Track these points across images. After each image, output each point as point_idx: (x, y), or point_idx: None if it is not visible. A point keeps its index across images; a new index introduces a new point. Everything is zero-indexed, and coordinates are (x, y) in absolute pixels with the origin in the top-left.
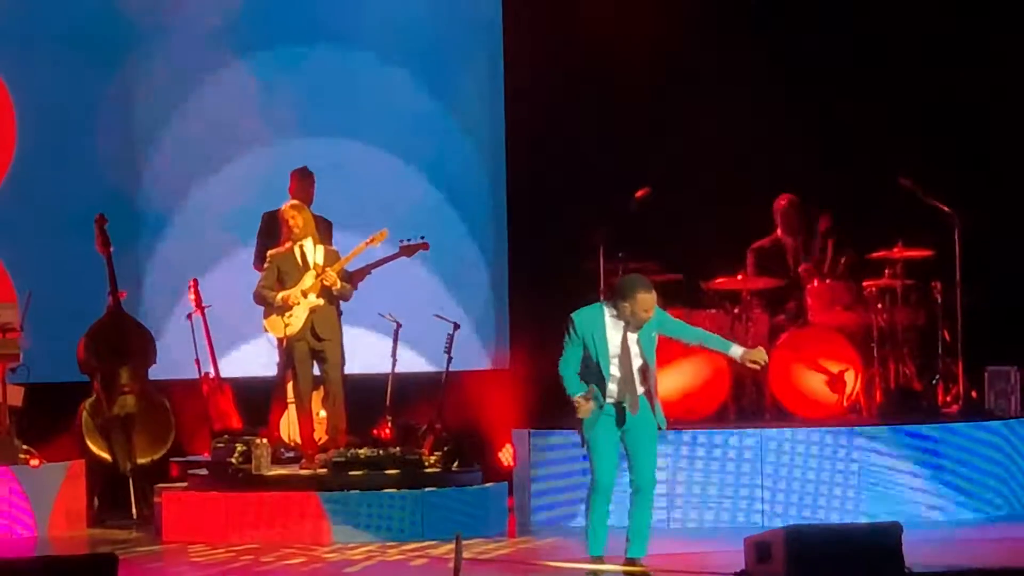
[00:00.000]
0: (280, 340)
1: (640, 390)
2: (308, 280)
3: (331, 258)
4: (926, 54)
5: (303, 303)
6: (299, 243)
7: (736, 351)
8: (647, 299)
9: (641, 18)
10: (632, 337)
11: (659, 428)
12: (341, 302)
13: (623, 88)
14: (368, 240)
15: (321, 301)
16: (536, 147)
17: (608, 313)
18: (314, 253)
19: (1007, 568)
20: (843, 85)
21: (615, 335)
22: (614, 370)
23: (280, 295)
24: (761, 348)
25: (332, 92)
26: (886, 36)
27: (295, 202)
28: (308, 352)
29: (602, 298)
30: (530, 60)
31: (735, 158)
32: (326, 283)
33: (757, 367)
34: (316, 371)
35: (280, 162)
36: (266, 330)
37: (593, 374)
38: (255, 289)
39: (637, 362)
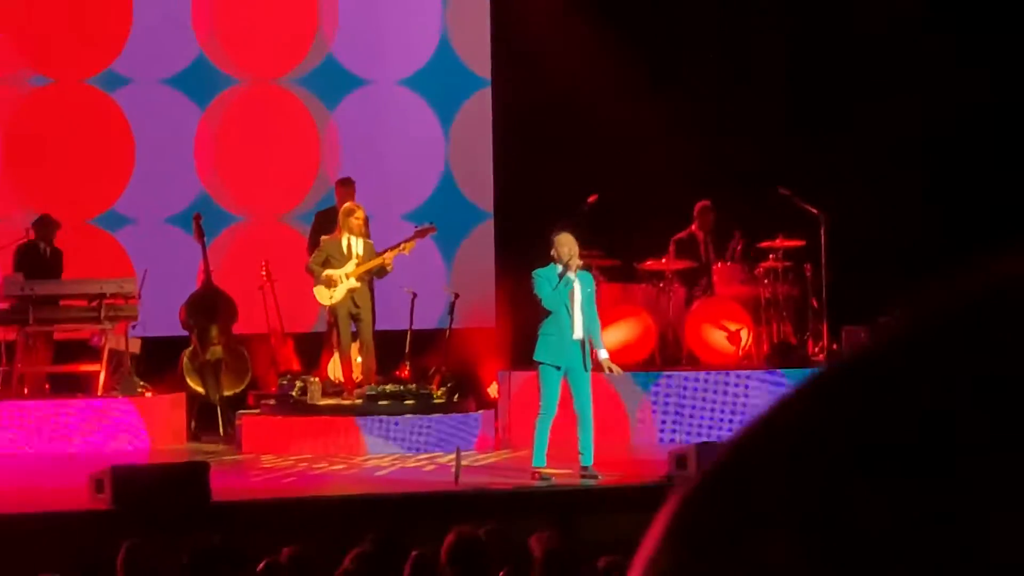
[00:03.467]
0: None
1: (580, 335)
2: (350, 267)
3: (368, 250)
4: (790, 77)
5: (344, 283)
6: (348, 237)
7: (602, 354)
8: (564, 238)
9: (597, 69)
10: (576, 291)
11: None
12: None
13: (585, 118)
14: (415, 239)
15: (358, 284)
16: (515, 163)
17: (558, 270)
18: (356, 245)
19: None
20: (738, 110)
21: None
22: (563, 313)
23: (325, 272)
24: (614, 364)
25: (361, 117)
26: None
27: (359, 210)
28: (348, 315)
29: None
30: (514, 90)
31: (663, 171)
32: (382, 273)
33: (611, 372)
34: (353, 328)
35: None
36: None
37: (551, 322)
38: (307, 263)
39: (579, 311)
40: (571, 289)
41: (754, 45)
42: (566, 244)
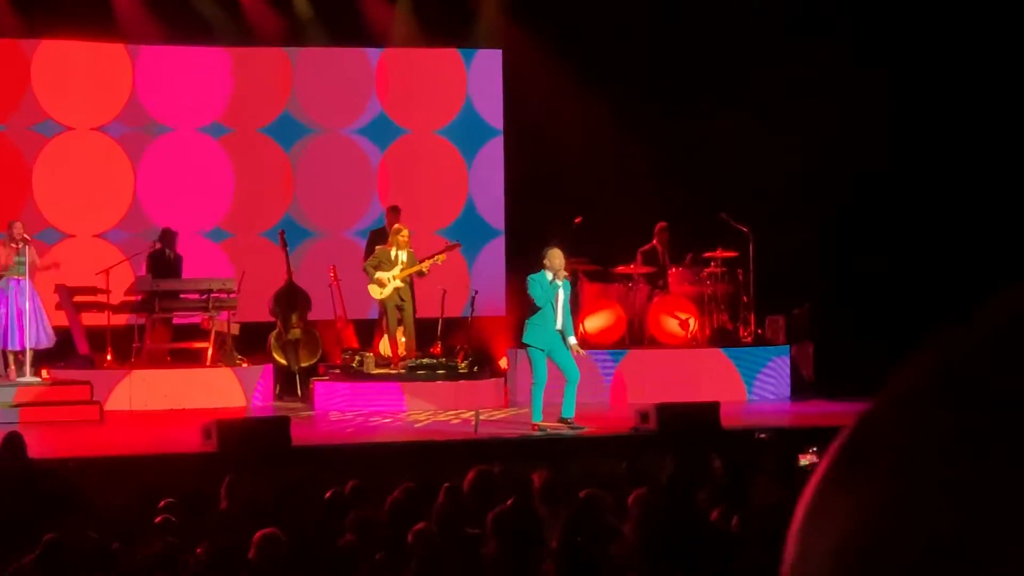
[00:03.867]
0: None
1: (559, 325)
2: (396, 271)
3: (410, 258)
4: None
5: (392, 283)
6: (395, 249)
7: (571, 340)
8: (552, 252)
9: (584, 123)
10: (560, 294)
11: (573, 347)
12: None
13: (574, 159)
14: (445, 252)
15: (402, 284)
16: (520, 192)
17: (548, 276)
18: (401, 255)
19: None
20: (688, 153)
21: (554, 288)
22: (549, 309)
23: (377, 275)
24: (579, 350)
25: (404, 158)
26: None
27: (405, 230)
28: (394, 307)
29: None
30: (519, 139)
31: (633, 199)
32: (421, 274)
33: (578, 353)
34: (399, 316)
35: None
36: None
37: (539, 315)
38: (364, 265)
39: (559, 308)
40: (557, 291)
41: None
42: (556, 257)
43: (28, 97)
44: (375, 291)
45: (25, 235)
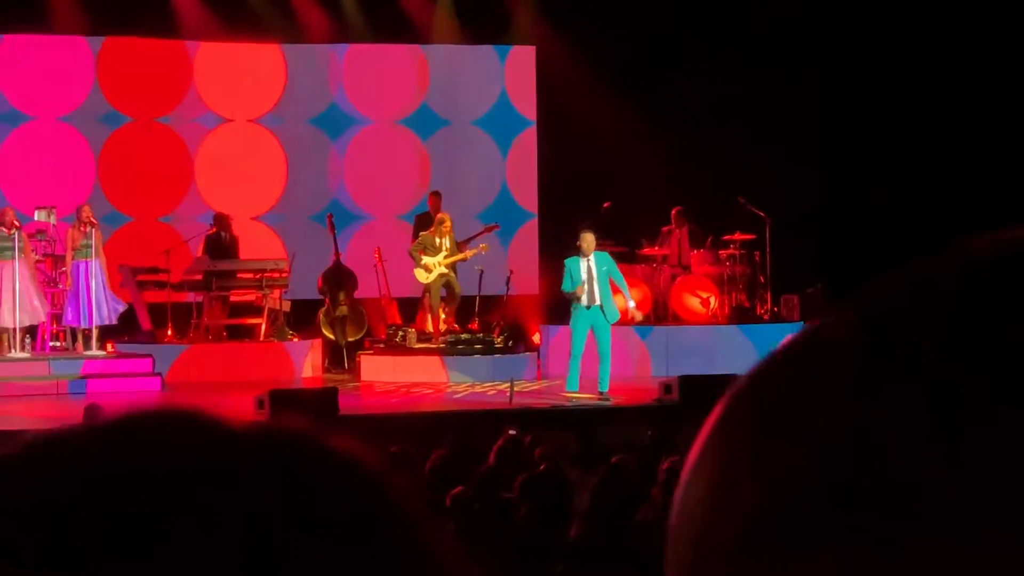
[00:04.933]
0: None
1: (597, 301)
2: (440, 257)
3: (452, 244)
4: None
5: (437, 269)
6: (439, 236)
7: (631, 303)
8: (584, 236)
9: (612, 113)
10: (593, 271)
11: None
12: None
13: (603, 148)
14: (484, 233)
15: (446, 270)
16: (552, 179)
17: (581, 259)
18: (444, 241)
19: None
20: (711, 142)
21: (584, 269)
22: (584, 288)
23: (424, 259)
24: (638, 312)
25: (445, 147)
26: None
27: (448, 220)
28: (438, 288)
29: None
30: (551, 129)
31: (656, 187)
32: (463, 260)
33: (637, 315)
34: (443, 293)
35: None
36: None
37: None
38: (409, 249)
39: (596, 285)
40: (588, 270)
41: (718, 96)
42: (585, 240)
43: (94, 91)
44: (421, 275)
45: (92, 219)
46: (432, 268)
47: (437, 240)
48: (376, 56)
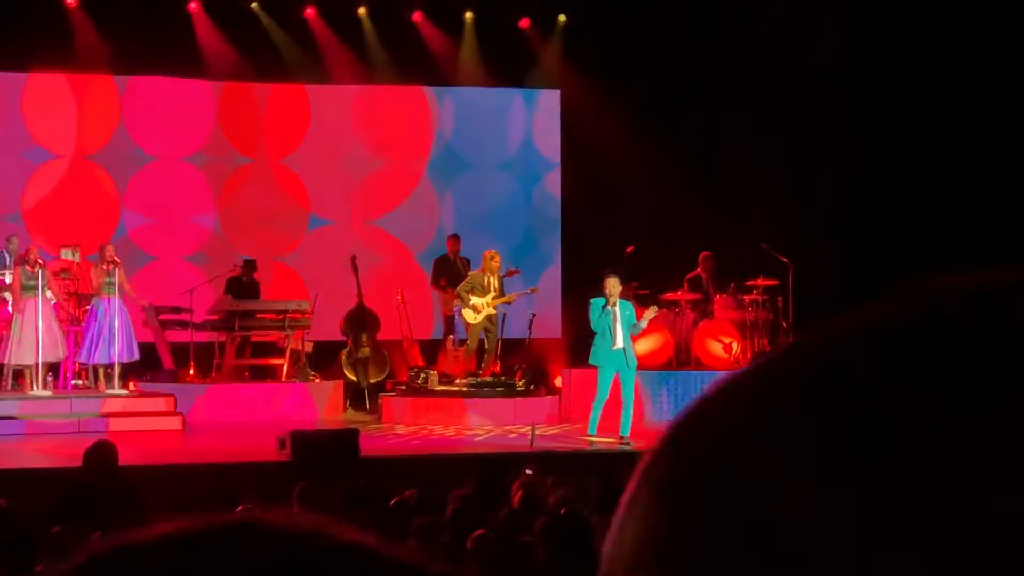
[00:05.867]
0: (465, 322)
1: (620, 345)
2: (488, 297)
3: (499, 283)
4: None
5: (485, 309)
6: (487, 274)
7: (643, 322)
8: (609, 282)
9: (634, 158)
10: (617, 315)
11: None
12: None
13: (626, 193)
14: (528, 293)
15: (493, 311)
16: (576, 224)
17: (604, 302)
18: (493, 281)
19: None
20: (733, 189)
21: (610, 313)
22: (607, 331)
23: (473, 299)
24: (654, 307)
25: (469, 190)
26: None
27: (497, 256)
28: (481, 330)
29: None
30: (575, 173)
31: (680, 229)
32: (508, 303)
33: (653, 315)
34: (482, 336)
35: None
36: (461, 315)
37: (599, 338)
38: (457, 290)
39: (619, 328)
40: (613, 315)
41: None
42: (610, 285)
43: (120, 130)
44: (469, 315)
45: (116, 258)
46: (481, 309)
47: (486, 279)
48: (394, 98)
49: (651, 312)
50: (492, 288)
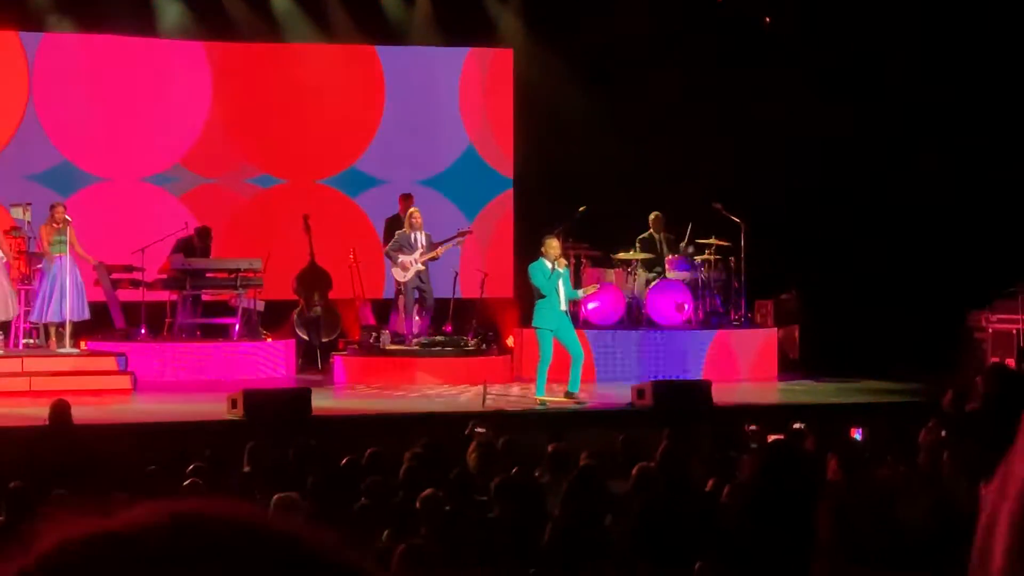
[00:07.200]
0: (396, 281)
1: (563, 307)
2: (415, 254)
3: (428, 240)
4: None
5: (413, 267)
6: (414, 231)
7: (580, 292)
8: (548, 242)
9: (592, 122)
10: (562, 276)
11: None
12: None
13: (579, 150)
14: (458, 238)
15: (423, 267)
16: (529, 186)
17: (547, 264)
18: (420, 238)
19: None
20: (686, 152)
21: (552, 274)
22: (553, 294)
23: (400, 258)
24: (595, 285)
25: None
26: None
27: (417, 211)
28: (414, 288)
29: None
30: (533, 125)
31: (632, 192)
32: (435, 259)
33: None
34: (416, 295)
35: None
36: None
37: (545, 300)
38: (386, 250)
39: (563, 289)
40: (560, 277)
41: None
42: (551, 247)
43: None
44: (398, 274)
45: (66, 216)
46: (409, 266)
47: (412, 236)
48: (350, 56)
49: (591, 288)
50: (420, 245)
